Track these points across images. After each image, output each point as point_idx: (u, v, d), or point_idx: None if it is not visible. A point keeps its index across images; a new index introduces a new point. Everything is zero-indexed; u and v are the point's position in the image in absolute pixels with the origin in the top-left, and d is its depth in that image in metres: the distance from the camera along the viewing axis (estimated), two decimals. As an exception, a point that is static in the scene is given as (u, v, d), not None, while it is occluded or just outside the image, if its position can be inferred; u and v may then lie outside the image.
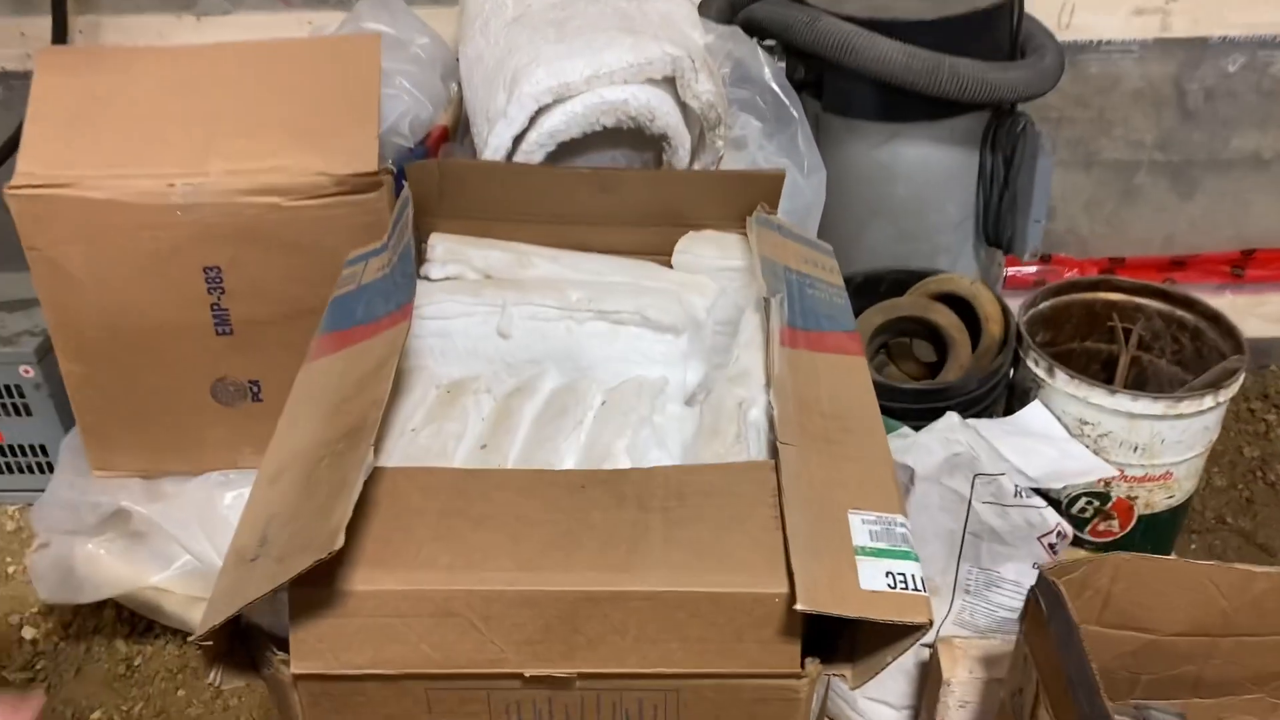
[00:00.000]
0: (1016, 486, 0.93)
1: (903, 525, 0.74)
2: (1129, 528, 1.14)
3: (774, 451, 0.78)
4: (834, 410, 0.83)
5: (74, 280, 1.07)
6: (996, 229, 1.29)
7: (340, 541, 0.65)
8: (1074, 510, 1.14)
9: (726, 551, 0.72)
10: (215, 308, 1.10)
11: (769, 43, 1.28)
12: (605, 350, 0.98)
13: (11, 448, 1.46)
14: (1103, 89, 1.54)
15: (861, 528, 0.73)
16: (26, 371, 1.38)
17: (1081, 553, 1.10)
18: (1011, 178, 1.25)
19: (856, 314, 1.18)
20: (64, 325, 1.10)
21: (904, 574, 0.70)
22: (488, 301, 0.99)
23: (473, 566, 0.71)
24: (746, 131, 1.17)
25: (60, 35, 1.42)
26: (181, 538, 1.13)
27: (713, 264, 1.02)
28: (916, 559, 0.72)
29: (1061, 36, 1.42)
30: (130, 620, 1.32)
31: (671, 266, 1.03)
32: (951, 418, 0.97)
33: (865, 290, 1.24)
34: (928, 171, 1.28)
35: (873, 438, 0.82)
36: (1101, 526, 1.14)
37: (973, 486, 0.94)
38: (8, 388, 1.40)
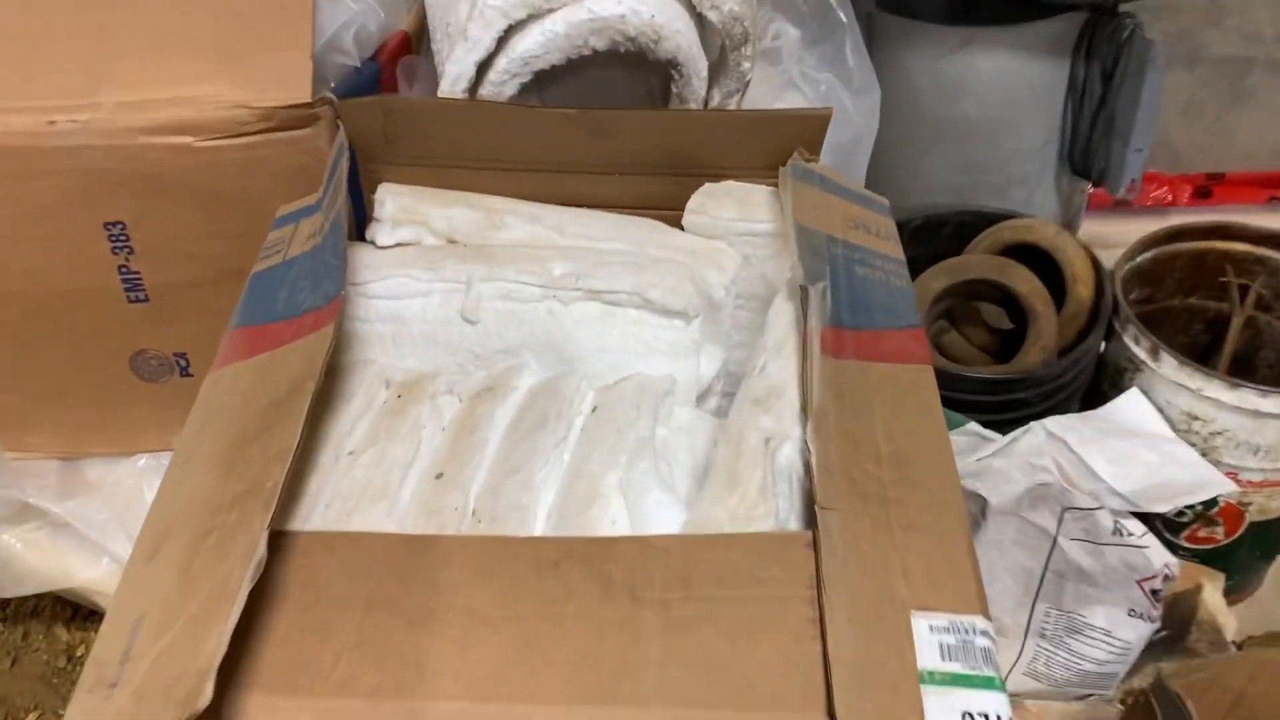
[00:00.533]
0: (1116, 522, 0.73)
1: (984, 633, 0.55)
2: (1235, 535, 0.95)
3: (812, 513, 0.59)
4: (892, 451, 0.63)
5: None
6: (1086, 157, 1.06)
7: (206, 698, 0.48)
8: (1169, 513, 0.94)
9: (746, 674, 0.53)
10: (124, 270, 0.90)
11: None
12: (597, 339, 0.78)
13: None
14: (1216, -30, 1.27)
15: (929, 639, 0.54)
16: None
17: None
18: (1110, 95, 1.00)
19: (915, 271, 0.97)
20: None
21: (987, 714, 0.52)
22: (449, 277, 0.78)
23: (406, 691, 0.53)
24: (781, 41, 0.93)
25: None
26: (101, 539, 0.96)
27: (734, 226, 0.80)
28: (1002, 686, 0.53)
29: (1173, -94, 1.15)
30: (73, 603, 1.17)
31: (682, 227, 0.82)
32: (1037, 434, 0.76)
33: (924, 236, 1.01)
34: (1006, 86, 1.03)
35: (944, 494, 0.61)
36: (1202, 533, 0.95)
37: (1061, 521, 0.74)
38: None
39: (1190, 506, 0.92)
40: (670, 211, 0.81)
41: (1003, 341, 0.99)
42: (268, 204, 0.82)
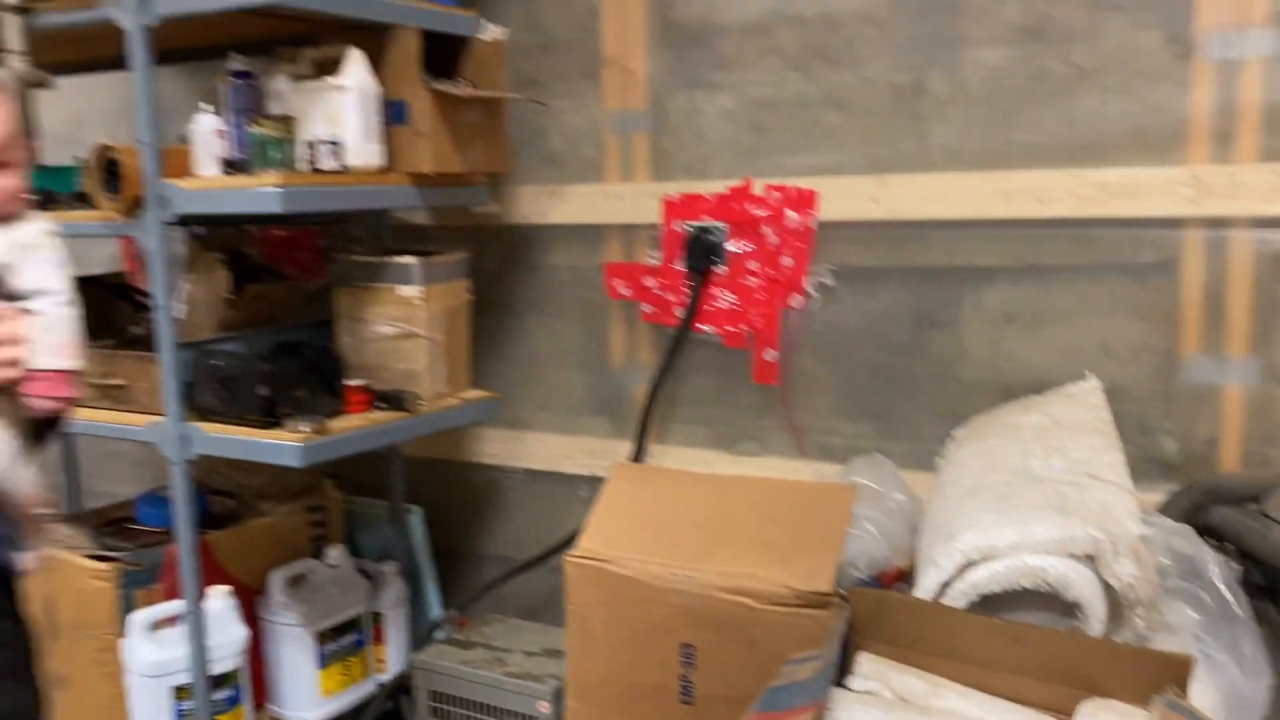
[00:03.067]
0: None
1: None
2: None
3: None
4: None
5: (594, 635, 1.41)
6: None
7: None
8: None
9: None
10: (683, 680, 1.36)
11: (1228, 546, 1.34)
12: (994, 790, 1.06)
13: (518, 771, 1.79)
14: None
15: None
16: (543, 706, 1.74)
17: None
18: None
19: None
20: (578, 668, 1.43)
21: None
22: None
23: None
24: (1184, 620, 1.22)
25: (637, 455, 1.90)
26: None
27: (1114, 738, 1.07)
28: None
29: None
30: None
31: (1074, 728, 1.10)
32: None
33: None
34: None
35: None
36: None
37: None
38: (525, 716, 1.76)
39: None
40: (1062, 717, 1.11)
41: None
42: (784, 653, 1.25)
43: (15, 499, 1.07)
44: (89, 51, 1.82)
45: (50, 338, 1.07)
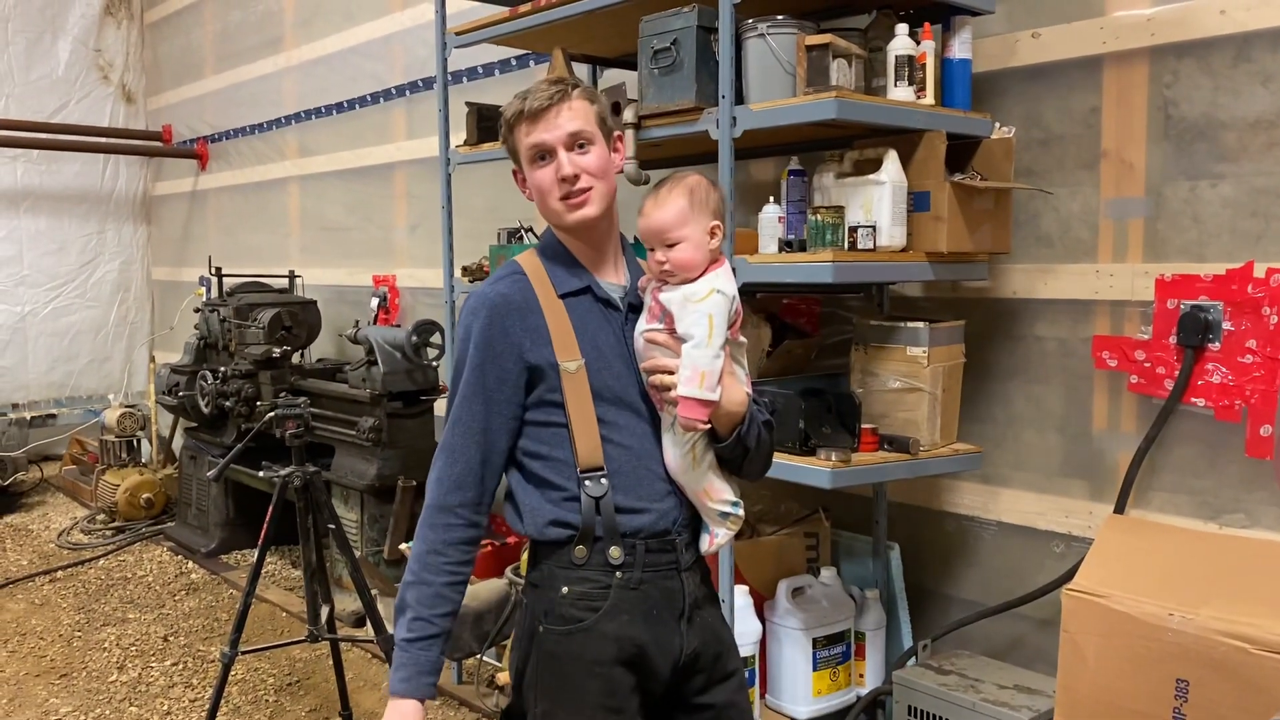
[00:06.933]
0: None
1: None
2: None
3: None
4: None
5: (1086, 662, 1.59)
6: None
7: None
8: None
9: None
10: (1176, 711, 1.50)
11: None
12: None
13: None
14: None
15: None
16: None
17: None
18: None
19: None
20: (1068, 691, 1.61)
21: None
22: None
23: None
24: None
25: (1120, 509, 2.04)
26: None
27: None
28: None
29: None
30: None
31: None
32: None
33: None
34: None
35: None
36: None
37: None
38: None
39: None
40: None
41: None
42: (1275, 699, 1.36)
43: (693, 493, 1.36)
44: (677, 151, 2.34)
45: (685, 372, 1.31)
